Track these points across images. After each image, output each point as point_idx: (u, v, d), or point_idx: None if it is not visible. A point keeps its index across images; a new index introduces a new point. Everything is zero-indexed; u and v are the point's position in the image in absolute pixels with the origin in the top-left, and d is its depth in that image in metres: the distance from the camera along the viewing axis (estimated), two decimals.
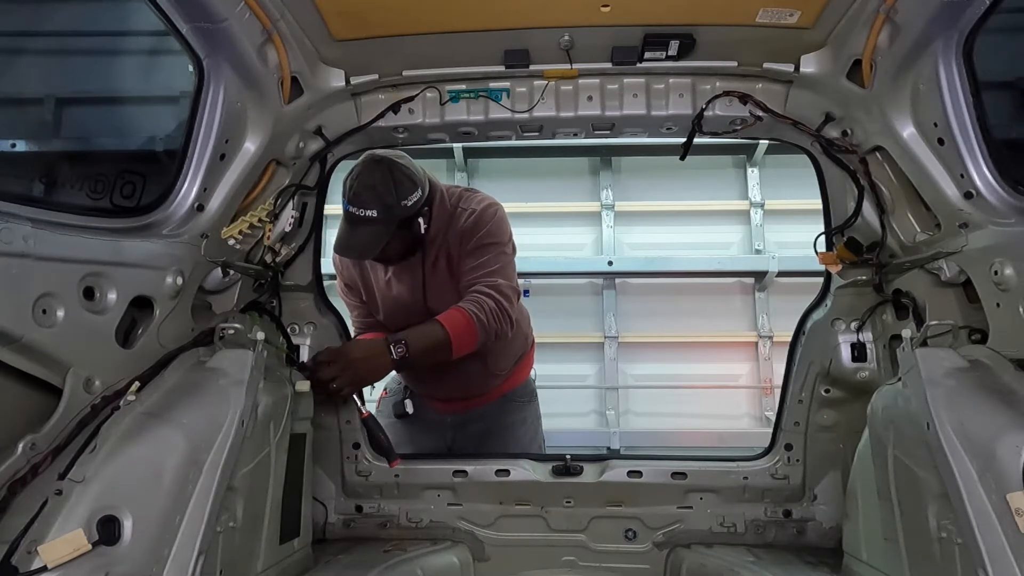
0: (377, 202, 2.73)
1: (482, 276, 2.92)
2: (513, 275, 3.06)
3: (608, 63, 2.56)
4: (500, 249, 3.01)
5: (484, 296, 2.86)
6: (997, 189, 2.11)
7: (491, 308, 2.83)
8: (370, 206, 2.73)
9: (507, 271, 3.01)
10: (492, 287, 2.89)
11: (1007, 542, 1.73)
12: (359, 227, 2.77)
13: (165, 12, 2.07)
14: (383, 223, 2.76)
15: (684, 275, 6.41)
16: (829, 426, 2.95)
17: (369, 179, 2.76)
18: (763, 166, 6.58)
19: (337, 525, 3.14)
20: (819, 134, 2.62)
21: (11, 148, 4.23)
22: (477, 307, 2.82)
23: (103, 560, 1.75)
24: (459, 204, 3.04)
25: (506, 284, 2.94)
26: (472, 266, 2.97)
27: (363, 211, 2.73)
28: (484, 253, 2.98)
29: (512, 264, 3.09)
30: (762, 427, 6.05)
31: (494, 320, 2.84)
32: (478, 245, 2.98)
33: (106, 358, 2.04)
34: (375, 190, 2.74)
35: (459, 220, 3.01)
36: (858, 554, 2.52)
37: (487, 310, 2.82)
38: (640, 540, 3.06)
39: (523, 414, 3.52)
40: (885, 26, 2.15)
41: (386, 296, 3.17)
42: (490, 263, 2.96)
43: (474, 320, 2.79)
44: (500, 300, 2.87)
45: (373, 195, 2.74)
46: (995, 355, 2.11)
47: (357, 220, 2.76)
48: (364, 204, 2.73)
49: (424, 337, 2.77)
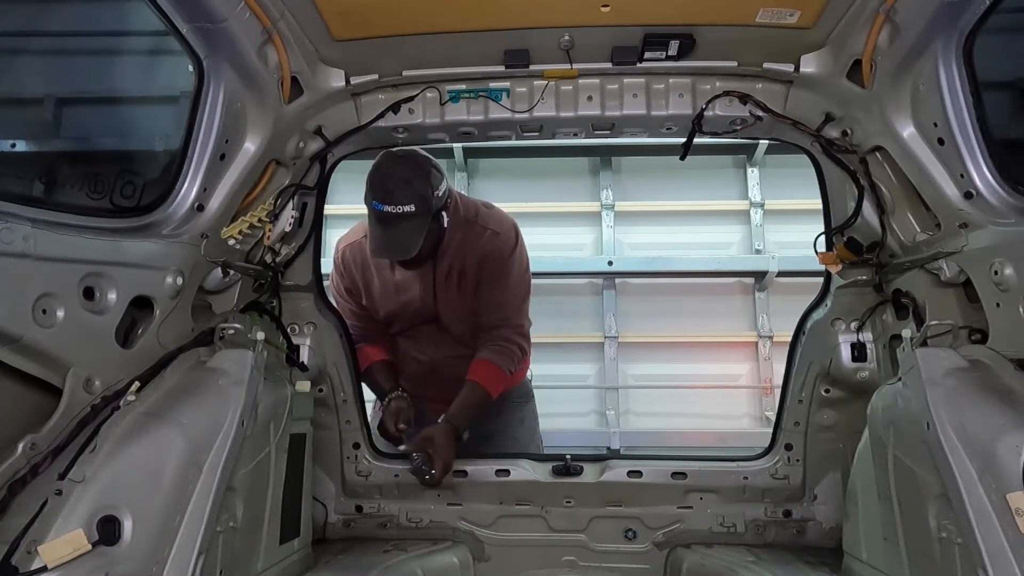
0: (414, 195, 2.73)
1: (509, 317, 3.10)
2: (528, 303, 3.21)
3: (608, 63, 2.56)
4: (522, 282, 3.12)
5: (514, 346, 3.09)
6: (997, 189, 2.11)
7: (517, 357, 3.10)
8: (407, 201, 2.72)
9: (526, 305, 3.18)
10: (519, 332, 3.11)
11: (1007, 542, 1.73)
12: (399, 224, 2.74)
13: (165, 12, 2.07)
14: (422, 216, 2.76)
15: (684, 275, 6.40)
16: (829, 426, 2.96)
17: (401, 174, 2.75)
18: (763, 166, 6.57)
19: (337, 525, 3.14)
20: (819, 134, 2.62)
21: (11, 148, 4.23)
22: (508, 360, 3.07)
23: (103, 560, 1.75)
24: (477, 219, 3.05)
25: (527, 326, 3.16)
26: (498, 301, 3.07)
27: (400, 207, 2.72)
28: (508, 287, 3.06)
29: (529, 292, 3.21)
30: (762, 427, 6.05)
31: (518, 363, 3.12)
32: (502, 276, 3.03)
33: (106, 358, 2.04)
34: (410, 184, 2.74)
35: (479, 238, 3.02)
36: (858, 554, 2.52)
37: (516, 360, 3.10)
38: (640, 540, 3.06)
39: (520, 414, 3.53)
40: (885, 26, 2.15)
41: (392, 299, 3.17)
42: (514, 301, 3.10)
43: (506, 372, 3.07)
44: (524, 346, 3.11)
45: (408, 189, 2.73)
46: (995, 355, 2.11)
47: (395, 218, 2.73)
48: (400, 200, 2.72)
49: (474, 408, 3.04)
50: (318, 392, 3.02)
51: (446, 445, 2.88)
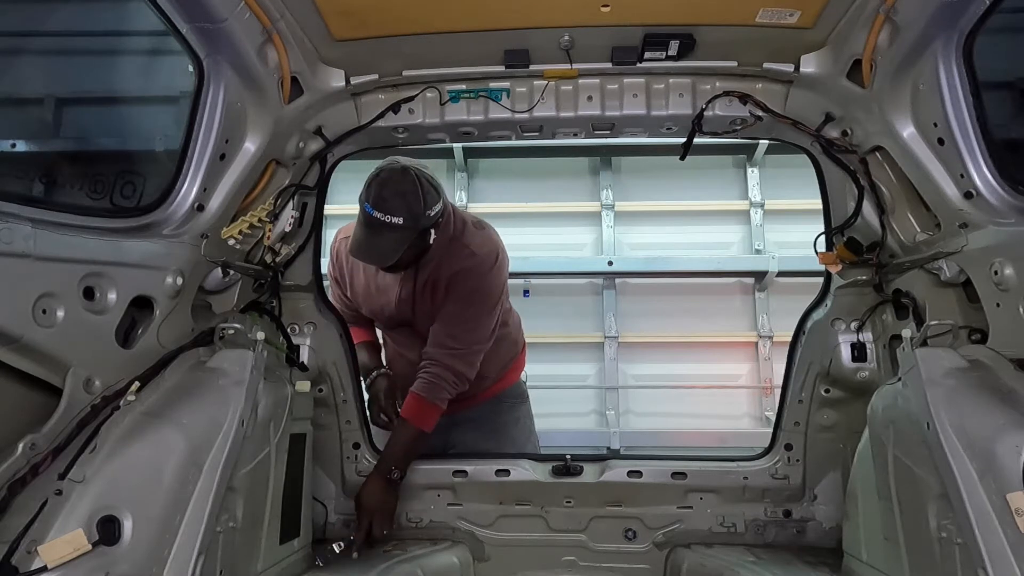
0: (405, 209, 2.71)
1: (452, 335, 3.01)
2: (491, 325, 3.12)
3: (608, 63, 2.56)
4: (486, 305, 3.06)
5: (443, 371, 2.99)
6: (997, 189, 2.11)
7: (451, 382, 3.00)
8: (397, 213, 2.70)
9: (484, 326, 3.09)
10: (453, 355, 3.00)
11: (1007, 542, 1.73)
12: (383, 232, 2.74)
13: (165, 12, 2.07)
14: (407, 230, 2.75)
15: (684, 275, 6.40)
16: (829, 426, 2.96)
17: (398, 186, 2.73)
18: (763, 166, 6.57)
19: (337, 525, 3.14)
20: (819, 134, 2.62)
21: (11, 148, 4.22)
22: (435, 391, 2.98)
23: (103, 560, 1.76)
24: (462, 237, 3.03)
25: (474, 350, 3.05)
26: (450, 317, 3.02)
27: (389, 217, 2.70)
28: (468, 307, 3.02)
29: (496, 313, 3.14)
30: (762, 427, 6.04)
31: (453, 389, 3.02)
32: (467, 293, 3.01)
33: (106, 358, 2.04)
34: (404, 197, 2.72)
35: (458, 255, 3.01)
36: (858, 554, 2.52)
37: (448, 385, 3.00)
38: (640, 540, 3.06)
39: (515, 414, 3.53)
40: (885, 26, 2.15)
41: (372, 299, 3.20)
42: (467, 320, 3.03)
43: (436, 404, 2.99)
44: (460, 369, 3.01)
45: (402, 202, 2.71)
46: (995, 355, 2.11)
47: (381, 225, 2.72)
48: (391, 210, 2.70)
49: (406, 449, 3.01)
50: (318, 392, 3.02)
51: (372, 502, 2.93)
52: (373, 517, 2.92)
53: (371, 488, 2.96)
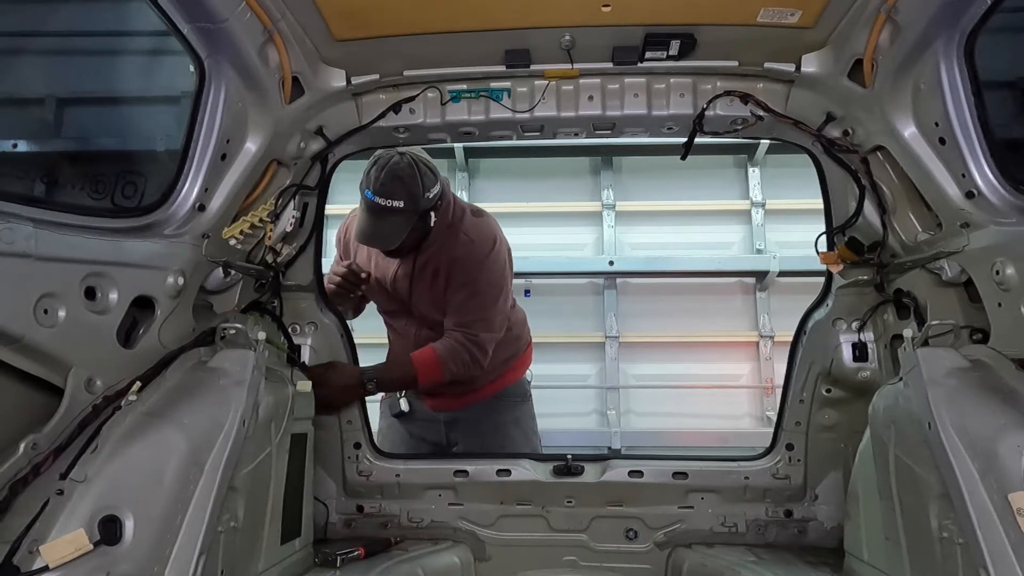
0: (404, 192, 2.86)
1: (467, 323, 3.09)
2: (499, 317, 3.19)
3: (609, 63, 2.56)
4: (490, 293, 3.13)
5: (461, 347, 3.08)
6: (998, 189, 2.11)
7: (464, 360, 3.08)
8: (398, 196, 2.86)
9: (492, 317, 3.15)
10: (472, 340, 3.08)
11: (1008, 542, 1.73)
12: (385, 217, 2.89)
13: (166, 12, 2.07)
14: (409, 212, 2.90)
15: (685, 275, 6.39)
16: (830, 426, 2.95)
17: (397, 171, 2.87)
18: (764, 166, 6.57)
19: (338, 525, 3.14)
20: (820, 134, 2.61)
21: (12, 148, 4.23)
22: (450, 356, 3.07)
23: (104, 560, 1.76)
24: (462, 224, 3.12)
25: (486, 337, 3.12)
26: (458, 306, 3.09)
27: (390, 201, 2.85)
28: (473, 296, 3.09)
29: (501, 303, 3.19)
30: (763, 427, 6.04)
31: (463, 369, 3.10)
32: (468, 282, 3.07)
33: (107, 358, 2.04)
34: (403, 181, 2.86)
35: (456, 242, 3.09)
36: (859, 554, 2.52)
37: (459, 361, 3.08)
38: (641, 540, 3.06)
39: (515, 414, 3.53)
40: (886, 26, 2.15)
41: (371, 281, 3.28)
42: (476, 309, 3.10)
43: (442, 367, 3.07)
44: (475, 354, 3.10)
45: (401, 186, 2.86)
46: (996, 355, 2.11)
47: (383, 210, 2.87)
48: (392, 194, 2.85)
49: (396, 373, 3.18)
50: None
51: (342, 386, 2.96)
52: (329, 388, 2.89)
53: (345, 373, 3.00)
